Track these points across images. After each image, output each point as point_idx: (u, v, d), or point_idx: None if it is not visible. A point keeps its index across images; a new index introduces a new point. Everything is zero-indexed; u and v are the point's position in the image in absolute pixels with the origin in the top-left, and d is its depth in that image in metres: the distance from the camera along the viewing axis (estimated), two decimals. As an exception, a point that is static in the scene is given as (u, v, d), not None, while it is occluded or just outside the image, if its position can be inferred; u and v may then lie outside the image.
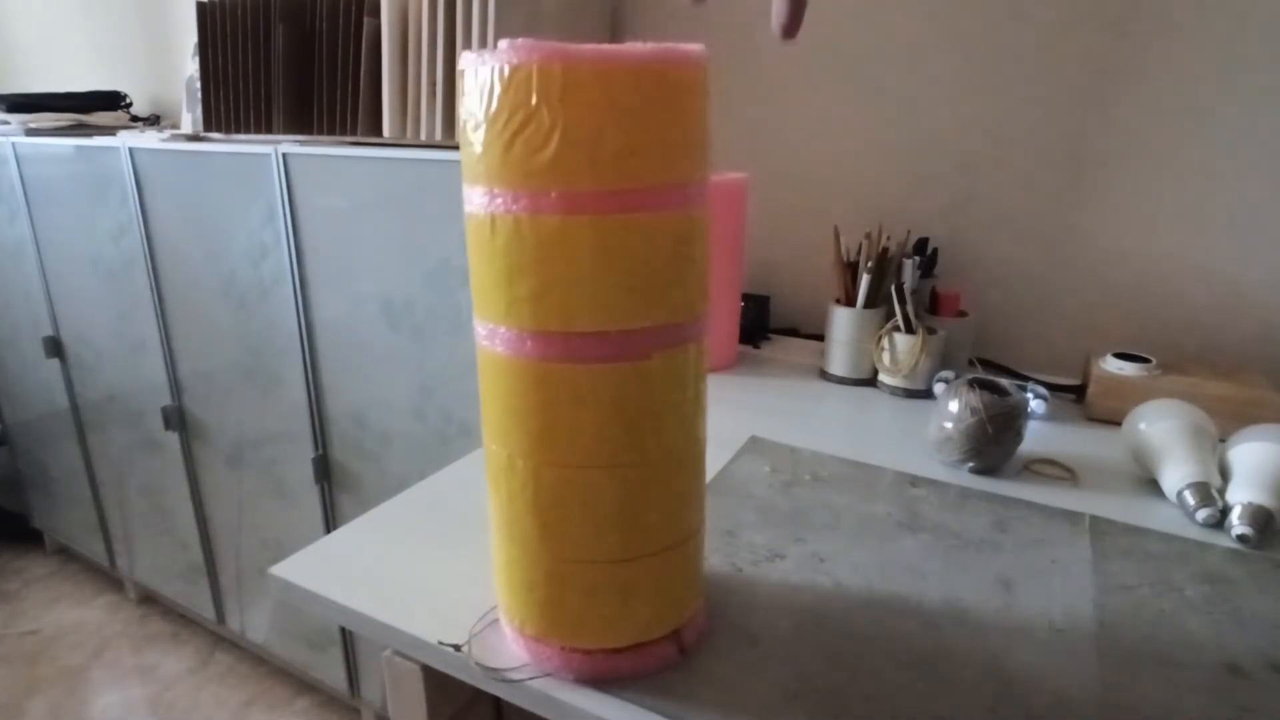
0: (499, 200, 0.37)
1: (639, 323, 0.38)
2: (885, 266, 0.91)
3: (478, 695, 0.57)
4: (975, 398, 0.68)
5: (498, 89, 0.35)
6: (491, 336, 0.40)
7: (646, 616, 0.43)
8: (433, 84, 0.96)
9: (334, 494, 1.26)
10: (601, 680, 0.43)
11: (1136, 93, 0.88)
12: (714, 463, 0.71)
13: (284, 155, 1.07)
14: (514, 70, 0.35)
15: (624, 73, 0.35)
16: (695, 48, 0.38)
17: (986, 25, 0.93)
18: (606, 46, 0.35)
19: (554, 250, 0.37)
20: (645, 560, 0.42)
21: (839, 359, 0.93)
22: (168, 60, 1.75)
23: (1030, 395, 0.83)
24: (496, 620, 0.49)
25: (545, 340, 0.38)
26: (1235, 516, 0.59)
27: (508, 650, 0.46)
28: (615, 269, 0.37)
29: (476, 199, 0.38)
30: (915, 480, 0.68)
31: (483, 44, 0.92)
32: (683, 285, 0.39)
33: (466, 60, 0.37)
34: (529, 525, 0.42)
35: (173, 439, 1.49)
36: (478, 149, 0.37)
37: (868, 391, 0.91)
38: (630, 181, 0.36)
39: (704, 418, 0.44)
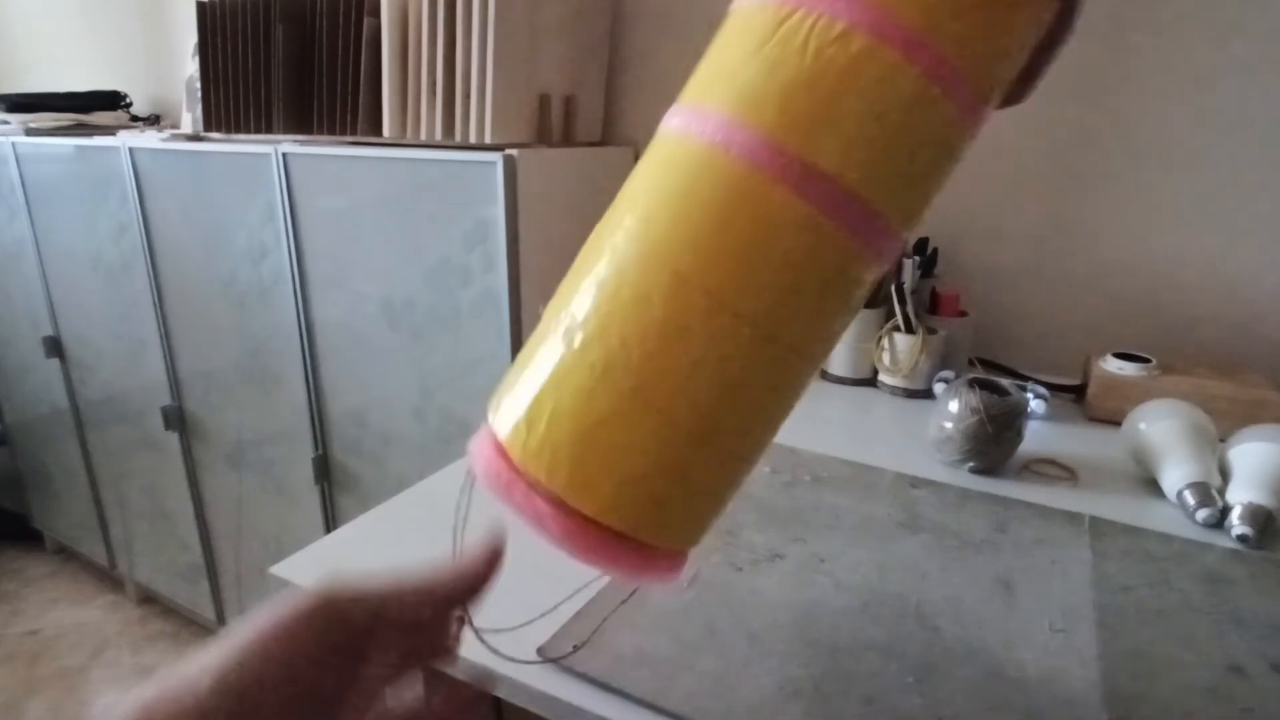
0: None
1: (884, 207, 0.32)
2: (885, 266, 0.91)
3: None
4: (975, 398, 0.68)
5: None
6: (717, 129, 0.32)
7: (684, 517, 0.35)
8: (433, 84, 0.96)
9: (334, 494, 1.26)
10: (598, 557, 0.34)
11: (1136, 93, 0.88)
12: (714, 463, 0.71)
13: (284, 155, 1.07)
14: None
15: None
16: None
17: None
18: None
19: (847, 80, 0.30)
20: (730, 462, 0.34)
21: (839, 359, 0.93)
22: (168, 60, 1.75)
23: (1030, 395, 0.83)
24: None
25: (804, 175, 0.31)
26: (1235, 516, 0.59)
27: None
28: (895, 138, 0.31)
29: None
30: (915, 481, 0.68)
31: (483, 44, 0.92)
32: (928, 189, 0.34)
33: None
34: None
35: (173, 439, 1.49)
36: None
37: (868, 391, 0.91)
38: (954, 47, 0.30)
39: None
